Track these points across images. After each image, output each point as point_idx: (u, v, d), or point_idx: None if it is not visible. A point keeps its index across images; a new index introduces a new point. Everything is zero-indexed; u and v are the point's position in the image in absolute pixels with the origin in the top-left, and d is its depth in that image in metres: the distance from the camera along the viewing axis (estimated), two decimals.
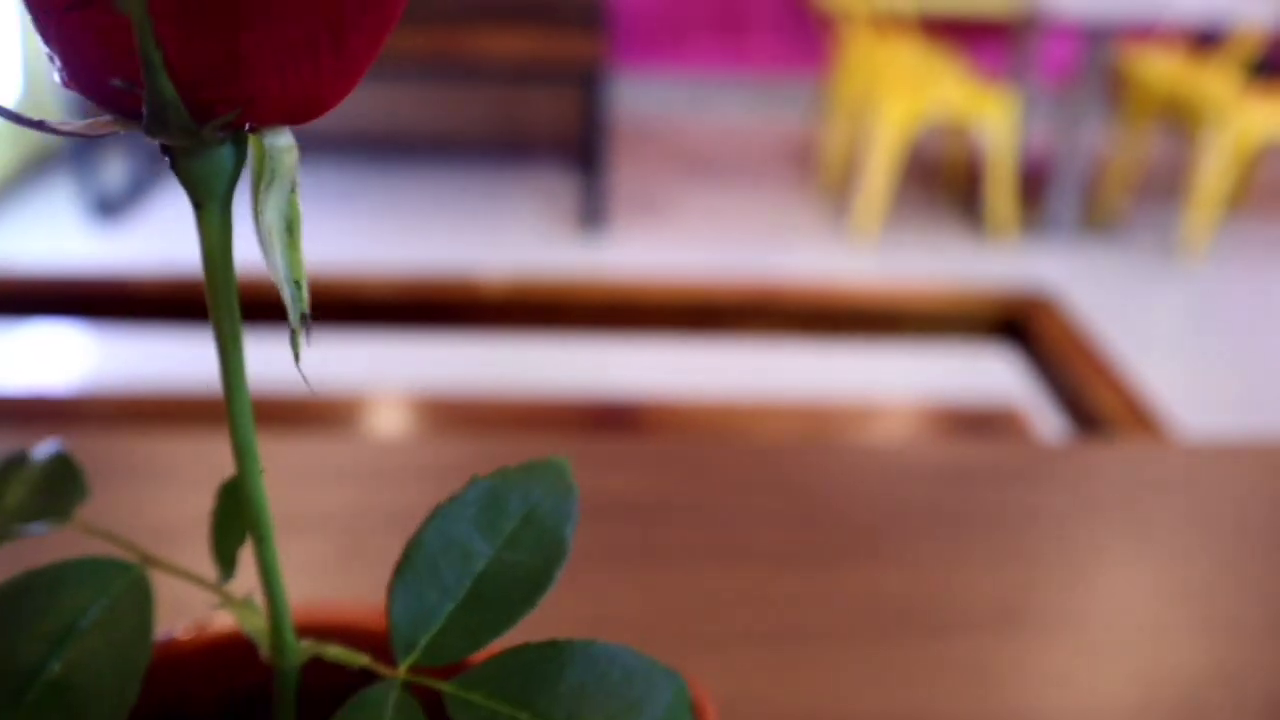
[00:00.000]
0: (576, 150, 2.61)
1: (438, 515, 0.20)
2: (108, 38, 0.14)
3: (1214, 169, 2.66)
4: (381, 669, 0.19)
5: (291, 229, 0.15)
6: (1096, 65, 2.64)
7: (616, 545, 0.43)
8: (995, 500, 0.47)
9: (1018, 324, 1.00)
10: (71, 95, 2.49)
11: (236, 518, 0.22)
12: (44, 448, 0.23)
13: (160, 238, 2.63)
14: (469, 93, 3.19)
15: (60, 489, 0.23)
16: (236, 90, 0.14)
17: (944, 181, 3.17)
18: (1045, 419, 1.02)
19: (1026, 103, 3.01)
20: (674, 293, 0.99)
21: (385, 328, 0.98)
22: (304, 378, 0.16)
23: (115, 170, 2.86)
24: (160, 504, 0.43)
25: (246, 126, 0.15)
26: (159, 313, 0.98)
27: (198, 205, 0.16)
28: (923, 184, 3.15)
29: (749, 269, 2.56)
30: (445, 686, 0.18)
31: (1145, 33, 3.23)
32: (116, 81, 0.14)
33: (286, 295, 0.15)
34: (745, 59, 3.81)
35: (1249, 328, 2.39)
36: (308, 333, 0.16)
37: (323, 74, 0.15)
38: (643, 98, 3.76)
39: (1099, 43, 2.61)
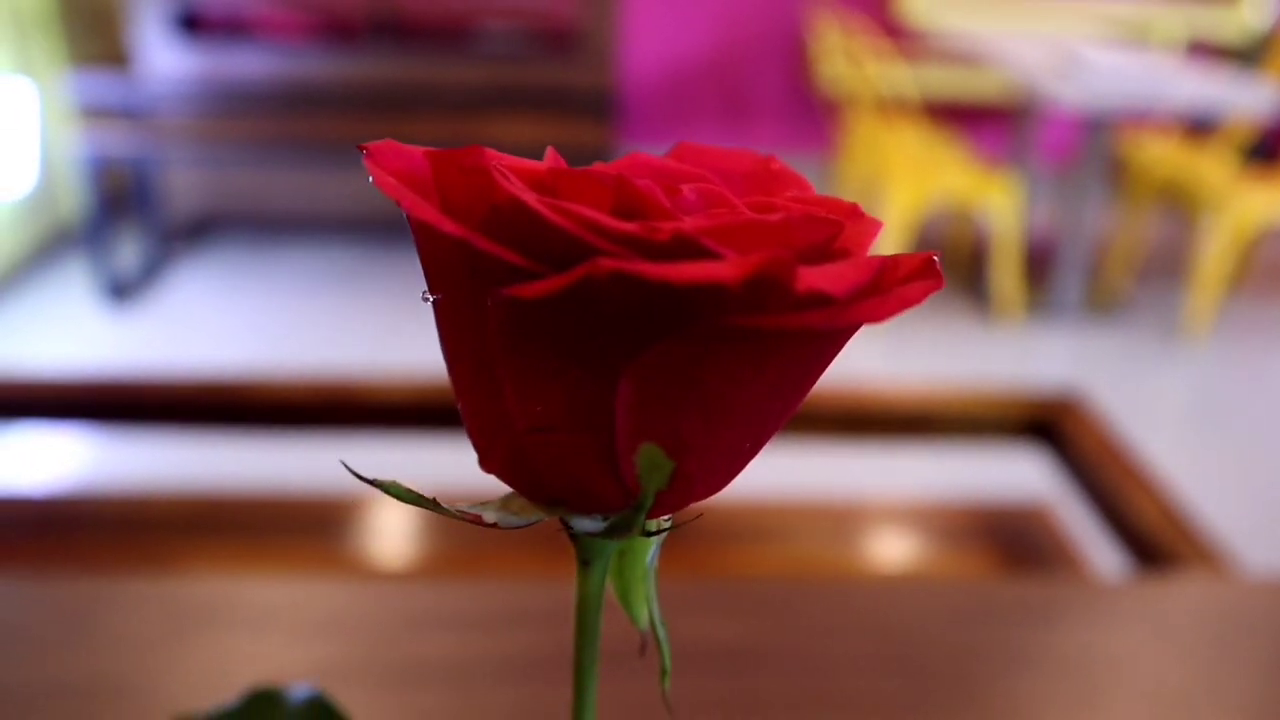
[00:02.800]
0: None
1: None
2: (566, 453, 0.15)
3: (1214, 252, 2.70)
4: None
5: (654, 574, 0.17)
6: (1096, 150, 2.69)
7: (705, 698, 0.43)
8: (1066, 641, 0.47)
9: (1048, 426, 1.01)
10: (87, 184, 2.47)
11: None
12: (299, 689, 0.24)
13: (175, 321, 2.64)
14: None
15: None
16: (675, 498, 0.16)
17: (950, 264, 3.21)
18: (1076, 517, 1.03)
19: (1028, 185, 3.07)
20: None
21: (404, 431, 0.99)
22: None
23: (128, 252, 2.89)
24: (271, 654, 0.44)
25: None
26: (167, 416, 0.99)
27: (584, 563, 0.17)
28: None
29: None
30: None
31: (1142, 118, 3.30)
32: (597, 520, 0.15)
33: (661, 635, 0.17)
34: (750, 140, 3.88)
35: (1251, 408, 2.41)
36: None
37: (737, 469, 0.17)
38: None
39: (1097, 129, 2.67)
